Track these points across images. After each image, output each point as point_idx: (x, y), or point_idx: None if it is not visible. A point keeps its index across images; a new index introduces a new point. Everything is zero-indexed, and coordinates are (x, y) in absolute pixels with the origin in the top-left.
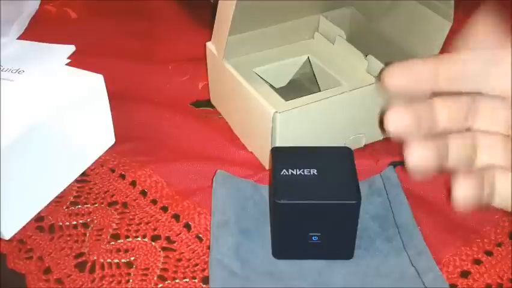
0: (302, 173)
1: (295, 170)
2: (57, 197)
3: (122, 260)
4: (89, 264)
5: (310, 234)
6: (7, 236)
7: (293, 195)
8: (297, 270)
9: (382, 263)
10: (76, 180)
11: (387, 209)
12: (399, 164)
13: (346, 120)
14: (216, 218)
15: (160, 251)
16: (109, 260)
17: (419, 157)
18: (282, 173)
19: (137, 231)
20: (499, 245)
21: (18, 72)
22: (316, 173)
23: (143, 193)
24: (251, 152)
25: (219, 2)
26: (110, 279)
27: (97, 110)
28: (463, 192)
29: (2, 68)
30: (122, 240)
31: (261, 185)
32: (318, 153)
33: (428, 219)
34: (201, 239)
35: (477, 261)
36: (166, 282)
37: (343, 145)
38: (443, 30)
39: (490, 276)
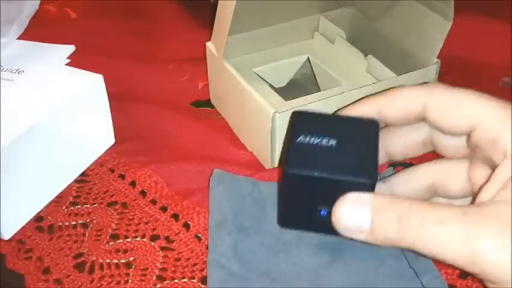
0: (320, 143)
1: (313, 138)
2: (56, 197)
3: (122, 261)
4: (88, 264)
5: (319, 208)
6: (6, 236)
7: (305, 166)
8: (296, 270)
9: (381, 264)
10: (76, 181)
11: None
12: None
13: None
14: (213, 217)
15: (159, 251)
16: (108, 260)
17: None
18: (298, 140)
19: (136, 231)
20: None
21: (18, 72)
22: (335, 145)
23: (143, 193)
24: (251, 152)
25: (219, 2)
26: (109, 280)
27: (96, 110)
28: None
29: (1, 68)
30: (121, 241)
31: (259, 181)
32: (342, 122)
33: None
34: (199, 239)
35: None
36: (165, 282)
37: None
38: (443, 30)
39: None
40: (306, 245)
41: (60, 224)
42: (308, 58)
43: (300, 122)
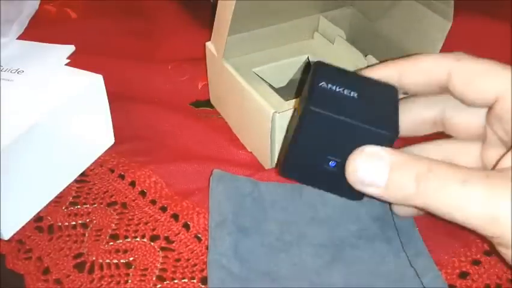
0: (342, 92)
1: (335, 86)
2: (56, 197)
3: (121, 261)
4: (88, 264)
5: (329, 157)
6: (6, 236)
7: (328, 107)
8: (297, 270)
9: (381, 263)
10: (75, 181)
11: (386, 209)
12: None
13: None
14: (213, 218)
15: (159, 251)
16: (108, 261)
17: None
18: (320, 85)
19: (136, 231)
20: None
21: (18, 72)
22: (356, 97)
23: (143, 193)
24: (251, 152)
25: (219, 2)
26: (109, 280)
27: (96, 110)
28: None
29: (1, 68)
30: (121, 241)
31: (259, 181)
32: (363, 80)
33: (427, 220)
34: (199, 239)
35: (476, 262)
36: (165, 282)
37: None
38: (443, 30)
39: (488, 276)
40: (307, 245)
41: (60, 224)
42: (308, 58)
43: (321, 71)
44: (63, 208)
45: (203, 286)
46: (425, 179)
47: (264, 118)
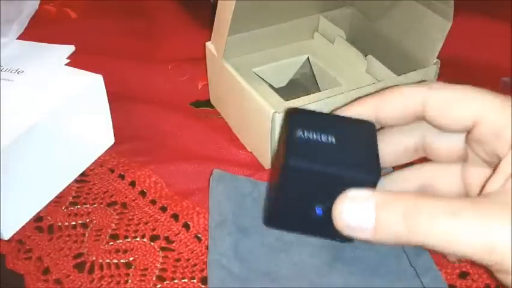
0: (319, 139)
1: (311, 134)
2: (56, 197)
3: (121, 261)
4: (88, 264)
5: (315, 206)
6: (6, 236)
7: (306, 160)
8: (297, 270)
9: (381, 263)
10: (75, 181)
11: None
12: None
13: None
14: (213, 218)
15: (159, 251)
16: (108, 261)
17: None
18: (296, 135)
19: (136, 231)
20: None
21: (18, 73)
22: (334, 141)
23: (143, 193)
24: (251, 152)
25: (219, 2)
26: (109, 280)
27: (96, 110)
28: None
29: (1, 68)
30: (121, 241)
31: (259, 181)
32: (339, 121)
33: None
34: (199, 239)
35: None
36: (165, 282)
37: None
38: (443, 30)
39: (488, 276)
40: (307, 245)
41: (60, 224)
42: (308, 58)
43: (296, 118)
44: (63, 208)
45: (203, 286)
46: (413, 215)
47: (264, 118)
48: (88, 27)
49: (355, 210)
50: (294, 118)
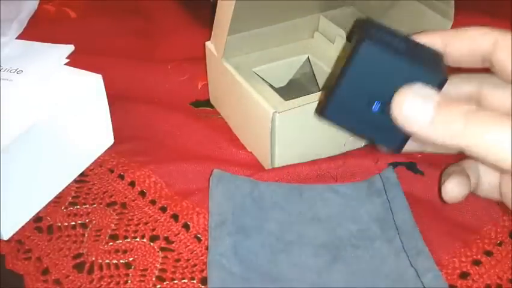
0: (392, 40)
1: (385, 35)
2: (55, 197)
3: (121, 261)
4: (87, 264)
5: (375, 99)
6: (5, 236)
7: (381, 45)
8: (297, 270)
9: (382, 263)
10: (75, 181)
11: (386, 209)
12: (399, 164)
13: None
14: (213, 218)
15: (158, 252)
16: (107, 261)
17: (455, 194)
18: (371, 30)
19: (135, 231)
20: (500, 244)
21: (17, 72)
22: (406, 47)
23: (142, 193)
24: (251, 152)
25: (219, 1)
26: (109, 280)
27: (95, 110)
28: (451, 187)
29: (1, 67)
30: (120, 241)
31: (259, 181)
32: (410, 40)
33: (428, 220)
34: (199, 239)
35: (476, 262)
36: (165, 283)
37: (343, 145)
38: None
39: (489, 277)
40: (307, 245)
41: (60, 224)
42: (308, 58)
43: (370, 24)
44: (62, 208)
45: (203, 286)
46: (475, 115)
47: (264, 118)
48: (88, 27)
49: (417, 102)
50: (367, 24)
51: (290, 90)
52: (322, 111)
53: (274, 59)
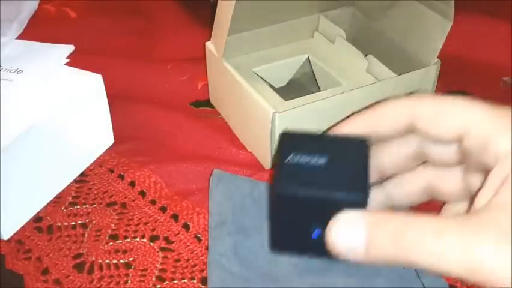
0: (309, 162)
1: (302, 157)
2: (55, 197)
3: (121, 261)
4: (87, 265)
5: (311, 230)
6: (5, 236)
7: (294, 186)
8: (297, 270)
9: None
10: (75, 181)
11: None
12: None
13: None
14: (213, 218)
15: (158, 252)
16: (107, 261)
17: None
18: (287, 160)
19: (135, 231)
20: None
21: (17, 72)
22: (325, 164)
23: (142, 193)
24: (251, 152)
25: (219, 1)
26: (109, 280)
27: (95, 110)
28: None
29: (1, 67)
30: (120, 241)
31: (259, 182)
32: (332, 141)
33: None
34: (199, 239)
35: None
36: (165, 283)
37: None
38: (443, 29)
39: None
40: None
41: (60, 224)
42: (308, 58)
43: (289, 141)
44: (62, 208)
45: (203, 286)
46: (402, 235)
47: (264, 118)
48: (88, 27)
49: (347, 233)
50: (286, 142)
51: (290, 90)
52: (271, 248)
53: (274, 59)
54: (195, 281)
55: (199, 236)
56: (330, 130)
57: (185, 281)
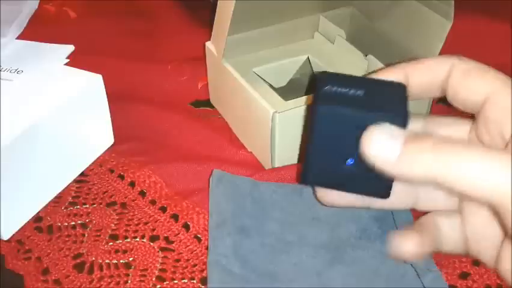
0: (348, 91)
1: (341, 88)
2: (55, 197)
3: (121, 261)
4: (87, 265)
5: (347, 155)
6: (5, 236)
7: (336, 104)
8: (297, 270)
9: (382, 263)
10: (75, 181)
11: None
12: None
13: None
14: (213, 218)
15: (158, 252)
16: (107, 261)
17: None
18: (325, 88)
19: (135, 231)
20: None
21: (17, 72)
22: (363, 94)
23: (142, 193)
24: (251, 152)
25: (219, 1)
26: (109, 280)
27: (95, 110)
28: (406, 248)
29: (1, 67)
30: (120, 241)
31: (259, 181)
32: (370, 81)
33: None
34: (199, 239)
35: (477, 263)
36: (165, 283)
37: None
38: (443, 29)
39: (489, 277)
40: (307, 246)
41: (60, 224)
42: (308, 58)
43: (326, 78)
44: (62, 208)
45: (203, 286)
46: (443, 146)
47: (264, 118)
48: (88, 27)
49: (383, 139)
50: (323, 79)
51: (290, 90)
52: (303, 179)
53: (274, 59)
54: (195, 281)
55: (199, 236)
56: (367, 76)
57: (185, 281)
